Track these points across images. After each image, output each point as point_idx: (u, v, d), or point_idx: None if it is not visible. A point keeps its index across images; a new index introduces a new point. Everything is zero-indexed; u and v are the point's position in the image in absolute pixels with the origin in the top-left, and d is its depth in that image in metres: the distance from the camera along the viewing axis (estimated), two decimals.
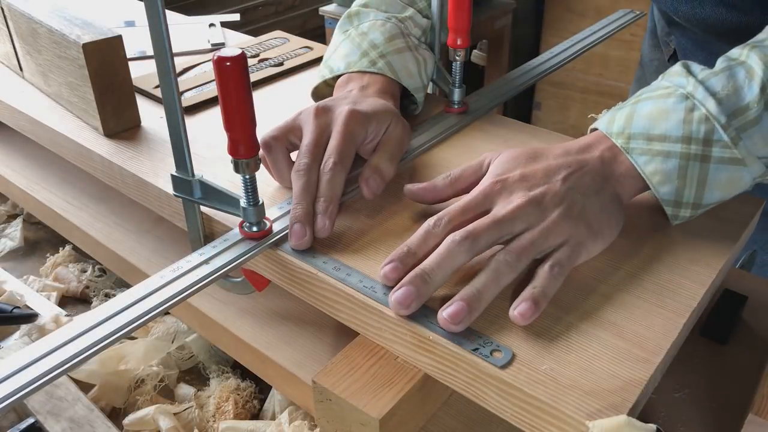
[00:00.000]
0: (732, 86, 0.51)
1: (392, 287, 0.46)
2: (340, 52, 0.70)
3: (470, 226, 0.47)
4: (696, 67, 0.53)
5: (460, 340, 0.44)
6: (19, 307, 0.69)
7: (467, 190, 0.53)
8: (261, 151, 0.57)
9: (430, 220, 0.49)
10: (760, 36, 0.54)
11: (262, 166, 0.51)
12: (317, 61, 0.87)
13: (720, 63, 0.53)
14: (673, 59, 0.88)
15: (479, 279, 0.46)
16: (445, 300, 0.45)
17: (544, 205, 0.49)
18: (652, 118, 0.52)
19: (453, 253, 0.46)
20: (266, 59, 0.87)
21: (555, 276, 0.46)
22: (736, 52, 0.54)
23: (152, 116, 0.74)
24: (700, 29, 0.78)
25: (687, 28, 0.81)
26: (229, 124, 0.48)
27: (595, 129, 0.55)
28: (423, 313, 0.46)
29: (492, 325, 0.45)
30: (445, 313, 0.44)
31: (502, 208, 0.49)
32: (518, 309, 0.44)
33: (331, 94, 0.70)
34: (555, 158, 0.52)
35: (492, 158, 0.54)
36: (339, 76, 0.69)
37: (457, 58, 0.70)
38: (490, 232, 0.47)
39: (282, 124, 0.59)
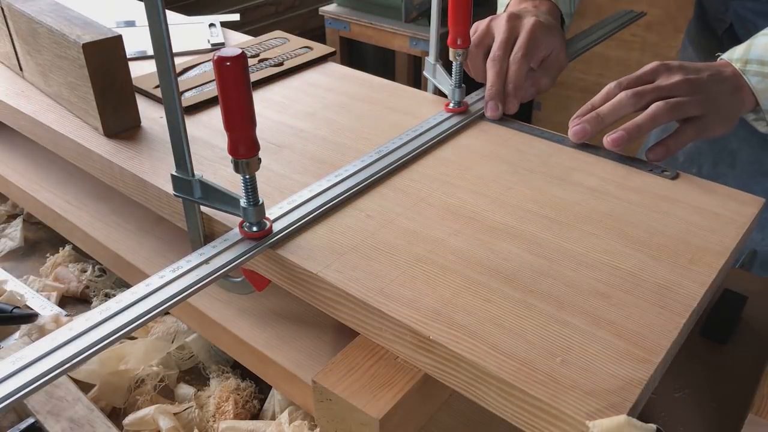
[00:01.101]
0: None
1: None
2: None
3: (638, 88, 0.65)
4: None
5: None
6: (19, 307, 0.68)
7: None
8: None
9: (611, 84, 0.67)
10: None
11: (262, 165, 0.51)
12: (317, 61, 0.87)
13: None
14: (728, 32, 0.96)
15: (640, 117, 0.63)
16: None
17: (697, 86, 0.65)
18: (766, 48, 0.67)
19: (623, 103, 0.64)
20: (266, 59, 0.87)
21: (688, 131, 0.64)
22: None
23: (152, 116, 0.74)
24: None
25: None
26: (229, 124, 0.48)
27: (720, 58, 0.71)
28: None
29: (496, 326, 0.45)
30: (609, 138, 0.64)
31: (664, 80, 0.65)
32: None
33: None
34: (701, 65, 0.68)
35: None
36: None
37: (457, 58, 0.70)
38: (652, 94, 0.64)
39: (477, 34, 0.75)
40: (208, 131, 0.71)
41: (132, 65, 0.70)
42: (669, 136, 0.65)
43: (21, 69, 0.82)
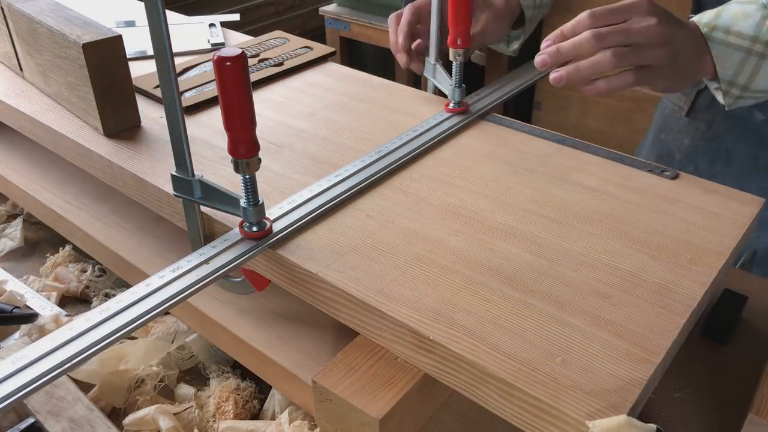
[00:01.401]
0: None
1: None
2: None
3: (604, 29, 0.63)
4: None
5: None
6: (19, 307, 0.68)
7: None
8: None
9: (584, 13, 0.65)
10: None
11: (262, 165, 0.51)
12: (317, 61, 0.87)
13: None
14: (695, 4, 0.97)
15: (583, 62, 0.63)
16: None
17: (665, 36, 0.63)
18: (735, 17, 0.66)
19: (582, 45, 0.63)
20: (266, 59, 0.87)
21: (628, 78, 0.63)
22: None
23: (152, 116, 0.74)
24: None
25: None
26: (229, 124, 0.48)
27: (691, 20, 0.70)
28: None
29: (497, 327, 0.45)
30: (552, 76, 0.65)
31: (637, 21, 0.63)
32: (590, 86, 0.65)
33: None
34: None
35: None
36: None
37: (457, 58, 0.70)
38: (616, 37, 0.62)
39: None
40: (208, 131, 0.71)
41: (132, 65, 0.70)
42: (614, 75, 0.64)
43: (21, 69, 0.82)
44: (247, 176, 0.50)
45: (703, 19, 0.68)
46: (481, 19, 0.83)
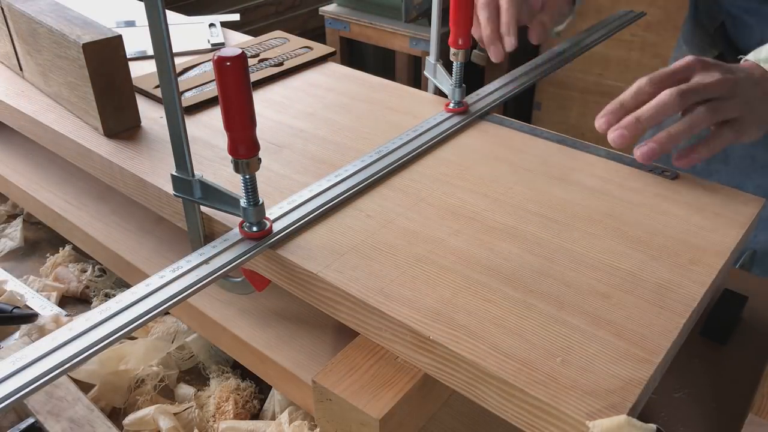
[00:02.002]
0: None
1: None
2: None
3: (684, 86, 0.59)
4: None
5: None
6: (19, 307, 0.68)
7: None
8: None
9: (642, 80, 0.61)
10: None
11: (262, 165, 0.51)
12: (317, 61, 0.87)
13: None
14: (720, 30, 0.95)
15: (675, 126, 0.59)
16: None
17: (734, 87, 0.61)
18: None
19: (665, 104, 0.59)
20: (266, 59, 0.87)
21: (727, 134, 0.60)
22: None
23: (152, 116, 0.74)
24: None
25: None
26: (229, 124, 0.48)
27: (745, 60, 0.67)
28: None
29: (497, 327, 0.45)
30: (638, 152, 0.60)
31: (703, 78, 0.60)
32: (680, 158, 0.61)
33: None
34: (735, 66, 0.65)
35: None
36: None
37: (457, 58, 0.70)
38: (695, 93, 0.59)
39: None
40: (208, 131, 0.71)
41: (132, 65, 0.70)
42: (702, 141, 0.60)
43: (21, 69, 0.82)
44: (247, 176, 0.50)
45: (761, 55, 0.66)
46: (558, 2, 0.80)
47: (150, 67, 0.85)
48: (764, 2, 0.85)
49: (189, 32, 0.98)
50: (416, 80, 2.62)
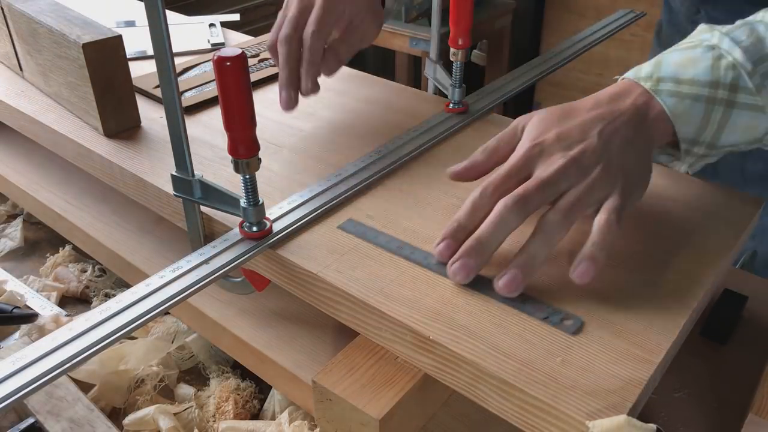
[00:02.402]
0: (755, 37, 0.53)
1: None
2: None
3: (519, 190, 0.48)
4: (716, 25, 0.56)
5: (529, 310, 0.46)
6: (19, 307, 0.68)
7: (506, 159, 0.53)
8: (279, 46, 0.66)
9: (476, 192, 0.50)
10: None
11: (262, 165, 0.51)
12: None
13: (738, 23, 0.56)
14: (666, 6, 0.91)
15: (531, 243, 0.47)
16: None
17: (585, 162, 0.49)
18: (681, 65, 0.54)
19: (505, 219, 0.48)
20: (266, 59, 0.87)
21: (611, 225, 0.47)
22: (751, 17, 0.57)
23: (152, 116, 0.74)
24: None
25: (722, 1, 0.83)
26: (229, 124, 0.48)
27: (621, 79, 0.57)
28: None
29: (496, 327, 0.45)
30: (501, 282, 0.47)
31: (544, 170, 0.49)
32: (577, 270, 0.46)
33: None
34: (588, 112, 0.53)
35: (524, 122, 0.55)
36: None
37: (457, 58, 0.70)
38: (538, 195, 0.48)
39: (275, 27, 0.68)
40: (208, 131, 0.71)
41: (132, 65, 0.70)
42: (588, 246, 0.47)
43: (21, 69, 0.82)
44: (247, 176, 0.50)
45: (641, 73, 0.55)
46: (365, 27, 0.69)
47: (150, 67, 0.85)
48: (750, 4, 0.82)
49: (189, 32, 0.98)
50: (416, 80, 2.62)
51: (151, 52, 0.75)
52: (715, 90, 0.52)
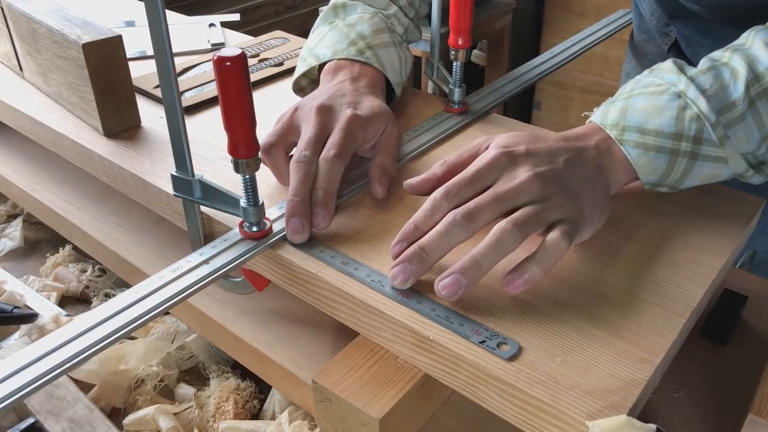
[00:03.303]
0: (719, 84, 0.53)
1: None
2: (326, 41, 0.70)
3: (471, 204, 0.48)
4: (685, 65, 0.56)
5: (466, 333, 0.44)
6: (19, 307, 0.68)
7: None
8: (261, 155, 0.57)
9: (437, 193, 0.50)
10: (737, 42, 0.57)
11: (262, 165, 0.51)
12: None
13: (703, 63, 0.55)
14: (674, 49, 0.88)
15: (478, 249, 0.46)
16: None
17: (549, 182, 0.50)
18: (646, 113, 0.54)
19: (451, 232, 0.47)
20: (266, 59, 0.87)
21: (559, 244, 0.47)
22: (717, 54, 0.56)
23: (152, 116, 0.74)
24: (716, 15, 0.78)
25: (692, 17, 0.81)
26: (229, 124, 0.48)
27: (589, 122, 0.58)
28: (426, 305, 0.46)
29: (504, 323, 0.45)
30: (440, 285, 0.46)
31: (507, 182, 0.49)
32: (508, 278, 0.46)
33: (313, 85, 0.72)
34: (555, 141, 0.54)
35: (488, 142, 0.55)
36: (324, 64, 0.69)
37: (457, 58, 0.70)
38: (490, 209, 0.48)
39: (279, 126, 0.60)
40: (208, 131, 0.71)
41: (132, 65, 0.70)
42: (529, 258, 0.47)
43: (21, 69, 0.82)
44: (247, 176, 0.50)
45: (607, 120, 0.55)
46: (394, 135, 0.63)
47: (150, 67, 0.85)
48: (720, 18, 0.78)
49: (189, 32, 0.98)
50: (416, 80, 2.62)
51: (151, 52, 0.75)
52: (679, 142, 0.53)
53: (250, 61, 0.86)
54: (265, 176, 0.62)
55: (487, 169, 0.50)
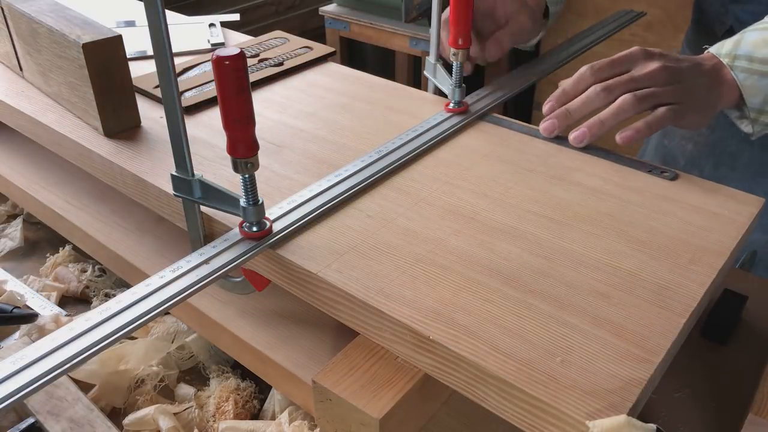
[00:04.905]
0: None
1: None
2: None
3: (610, 82, 0.64)
4: None
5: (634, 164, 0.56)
6: (19, 307, 0.68)
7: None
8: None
9: (585, 68, 0.66)
10: None
11: (262, 165, 0.51)
12: (317, 61, 0.87)
13: None
14: (728, 35, 0.92)
15: (604, 112, 0.63)
16: None
17: (673, 74, 0.64)
18: (756, 45, 0.67)
19: (592, 99, 0.64)
20: (266, 59, 0.87)
21: (666, 114, 0.62)
22: None
23: (152, 116, 0.74)
24: None
25: (752, 2, 0.90)
26: (229, 124, 0.48)
27: (707, 51, 0.70)
28: None
29: (496, 326, 0.45)
30: (572, 135, 0.65)
31: (641, 69, 0.64)
32: (622, 134, 0.62)
33: None
34: (681, 56, 0.67)
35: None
36: None
37: (457, 58, 0.70)
38: (624, 86, 0.63)
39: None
40: (208, 131, 0.71)
41: (132, 65, 0.70)
42: (641, 120, 0.63)
43: (21, 69, 0.82)
44: (247, 176, 0.50)
45: (722, 50, 0.68)
46: (521, 20, 0.80)
47: (150, 67, 0.85)
48: None
49: (189, 32, 0.98)
50: (416, 80, 2.62)
51: (151, 52, 0.75)
52: None
53: (250, 61, 0.86)
54: (265, 176, 0.62)
55: (626, 57, 0.66)
